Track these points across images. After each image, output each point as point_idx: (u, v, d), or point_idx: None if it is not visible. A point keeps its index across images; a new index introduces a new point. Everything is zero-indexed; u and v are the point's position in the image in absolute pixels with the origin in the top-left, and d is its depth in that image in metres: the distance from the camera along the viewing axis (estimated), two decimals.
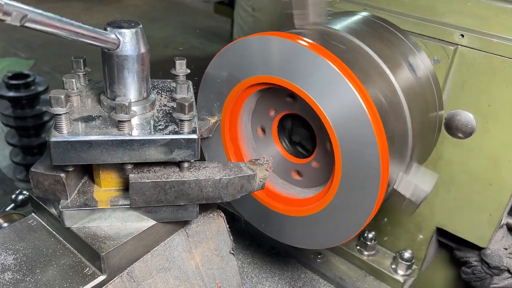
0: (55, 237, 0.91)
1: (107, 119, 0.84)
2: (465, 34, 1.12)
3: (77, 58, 0.94)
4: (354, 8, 1.29)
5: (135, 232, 0.88)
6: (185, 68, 0.99)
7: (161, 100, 0.94)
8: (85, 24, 0.75)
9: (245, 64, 1.02)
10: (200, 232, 1.01)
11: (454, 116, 1.18)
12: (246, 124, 1.18)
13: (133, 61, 0.83)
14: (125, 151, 0.81)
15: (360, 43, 1.02)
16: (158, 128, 0.84)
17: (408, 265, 1.39)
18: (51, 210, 0.90)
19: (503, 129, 1.13)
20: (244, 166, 0.93)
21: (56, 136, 0.77)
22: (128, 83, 0.85)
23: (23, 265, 0.83)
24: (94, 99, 0.91)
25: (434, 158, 1.25)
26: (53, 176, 0.83)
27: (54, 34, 0.71)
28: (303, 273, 1.46)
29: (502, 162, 1.15)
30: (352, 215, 0.96)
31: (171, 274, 0.93)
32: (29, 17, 0.65)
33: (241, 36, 1.03)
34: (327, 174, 1.05)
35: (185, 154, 0.83)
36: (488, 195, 1.20)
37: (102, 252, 0.82)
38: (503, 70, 1.09)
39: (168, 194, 0.85)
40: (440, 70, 1.16)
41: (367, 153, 0.88)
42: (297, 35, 0.94)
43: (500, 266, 1.26)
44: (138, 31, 0.82)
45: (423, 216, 1.35)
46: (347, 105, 0.88)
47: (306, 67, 0.92)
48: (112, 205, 0.87)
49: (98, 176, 0.90)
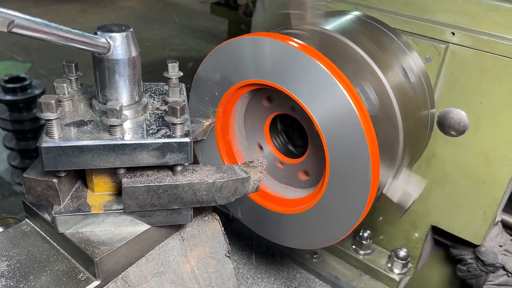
0: (49, 243, 0.90)
1: (99, 124, 0.84)
2: (456, 32, 1.12)
3: (69, 62, 0.94)
4: (346, 7, 1.29)
5: (129, 236, 0.87)
6: (177, 71, 0.99)
7: (154, 103, 0.93)
8: (75, 29, 0.75)
9: (237, 66, 1.02)
10: (195, 236, 1.00)
11: (447, 114, 1.18)
12: (238, 125, 1.18)
13: (124, 65, 0.83)
14: (117, 155, 0.80)
15: (351, 43, 1.02)
16: (150, 132, 0.83)
17: (403, 264, 1.40)
18: (45, 215, 0.90)
19: (495, 126, 1.13)
20: (238, 169, 0.92)
21: (47, 141, 0.77)
22: (119, 87, 0.85)
23: (16, 271, 0.83)
24: (86, 103, 0.91)
25: (427, 156, 1.25)
26: (45, 182, 0.83)
27: (42, 39, 0.71)
28: (299, 273, 1.46)
29: (495, 159, 1.15)
30: (343, 215, 0.96)
31: (166, 278, 0.93)
32: (16, 23, 0.64)
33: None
34: (319, 174, 1.05)
35: (178, 157, 0.83)
36: (482, 192, 1.20)
37: (96, 257, 0.81)
38: (494, 68, 1.09)
39: (161, 198, 0.85)
40: (432, 68, 1.16)
41: (357, 154, 0.89)
42: (287, 36, 0.94)
43: (495, 263, 1.26)
44: (129, 35, 0.82)
45: (418, 214, 1.35)
46: (337, 106, 0.88)
47: (296, 68, 0.92)
48: (106, 210, 0.87)
49: (91, 181, 0.89)
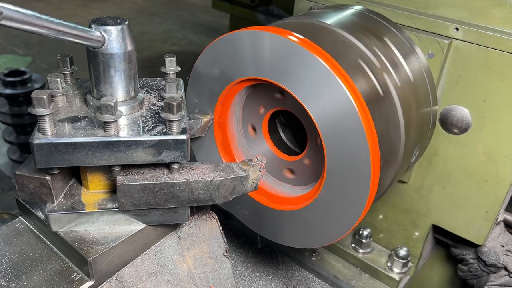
0: (43, 241, 0.89)
1: (94, 120, 0.82)
2: (460, 28, 1.09)
3: (64, 56, 0.92)
4: (347, 1, 1.27)
5: (124, 235, 0.86)
6: (175, 66, 0.97)
7: (150, 99, 0.91)
8: (68, 22, 0.73)
9: (235, 61, 1.00)
10: (192, 235, 0.99)
11: (449, 111, 1.16)
12: (236, 122, 1.16)
13: (119, 59, 0.81)
14: (111, 152, 0.78)
15: (352, 38, 1.00)
16: (146, 128, 0.81)
17: (404, 263, 1.38)
18: (38, 213, 0.88)
19: (498, 124, 1.11)
20: (236, 167, 0.90)
21: (40, 138, 0.75)
22: (114, 82, 0.83)
23: (8, 270, 0.81)
24: (81, 98, 0.89)
25: (429, 154, 1.23)
26: (38, 179, 0.81)
27: (33, 32, 0.68)
28: (297, 271, 1.44)
29: (498, 158, 1.13)
30: (343, 213, 0.94)
31: (162, 278, 0.91)
32: (5, 15, 0.62)
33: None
34: (319, 171, 1.03)
35: (174, 155, 0.81)
36: (484, 192, 1.18)
37: (90, 257, 0.80)
38: (498, 64, 1.06)
39: (157, 196, 0.83)
40: (435, 64, 1.14)
41: (358, 152, 0.86)
42: (287, 30, 0.92)
43: (497, 264, 1.24)
44: (124, 28, 0.80)
45: (419, 213, 1.33)
46: (337, 102, 0.86)
47: (295, 63, 0.89)
48: (100, 208, 0.85)
49: (85, 179, 0.88)
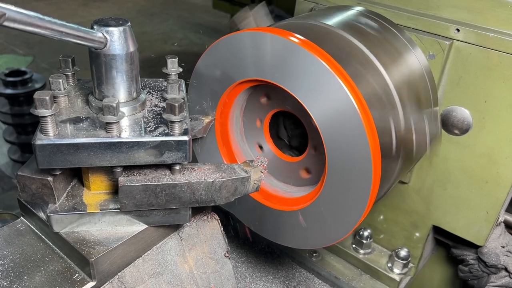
0: (44, 242, 0.89)
1: (96, 121, 0.82)
2: (460, 29, 1.09)
3: (65, 57, 0.92)
4: (348, 2, 1.27)
5: (125, 236, 0.86)
6: (177, 67, 0.97)
7: (152, 100, 0.91)
8: (70, 23, 0.73)
9: (236, 62, 1.00)
10: (193, 236, 0.99)
11: (450, 112, 1.16)
12: (237, 123, 1.16)
13: (121, 60, 0.81)
14: (113, 154, 0.79)
15: (352, 39, 1.00)
16: (148, 129, 0.81)
17: (404, 264, 1.38)
18: (40, 214, 0.88)
19: (499, 125, 1.11)
20: (238, 168, 0.90)
21: (42, 138, 0.75)
22: (116, 83, 0.83)
23: (10, 271, 0.81)
24: (83, 99, 0.89)
25: (430, 156, 1.23)
26: (40, 180, 0.81)
27: (36, 33, 0.69)
28: (298, 272, 1.44)
29: (499, 159, 1.13)
30: (343, 214, 0.94)
31: (164, 279, 0.91)
32: (8, 16, 0.62)
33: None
34: (320, 172, 1.03)
35: (176, 156, 0.81)
36: (485, 193, 1.18)
37: (91, 258, 0.80)
38: (499, 65, 1.07)
39: (159, 197, 0.83)
40: (435, 65, 1.14)
41: (359, 154, 0.86)
42: (288, 31, 0.92)
43: (497, 265, 1.24)
44: (127, 29, 0.80)
45: (419, 214, 1.34)
46: (338, 103, 0.86)
47: (296, 64, 0.90)
48: (102, 209, 0.85)
49: (87, 179, 0.88)
